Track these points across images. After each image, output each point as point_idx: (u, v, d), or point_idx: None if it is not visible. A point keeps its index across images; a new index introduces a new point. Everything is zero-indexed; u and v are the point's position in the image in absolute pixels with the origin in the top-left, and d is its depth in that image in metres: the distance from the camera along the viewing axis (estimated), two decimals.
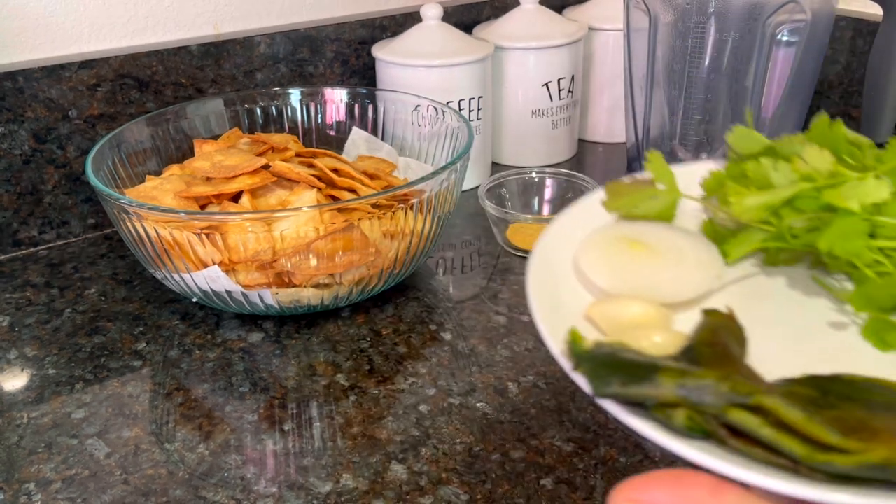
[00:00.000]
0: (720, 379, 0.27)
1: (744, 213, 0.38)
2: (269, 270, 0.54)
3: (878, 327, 0.35)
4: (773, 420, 0.26)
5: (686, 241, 0.41)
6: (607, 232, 0.41)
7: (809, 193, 0.38)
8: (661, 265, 0.39)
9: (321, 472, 0.45)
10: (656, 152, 0.43)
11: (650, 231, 0.41)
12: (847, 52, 0.79)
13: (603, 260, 0.39)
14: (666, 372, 0.27)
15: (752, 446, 0.26)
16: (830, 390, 0.30)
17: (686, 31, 0.64)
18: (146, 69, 0.72)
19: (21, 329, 0.59)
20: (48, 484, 0.44)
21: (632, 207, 0.43)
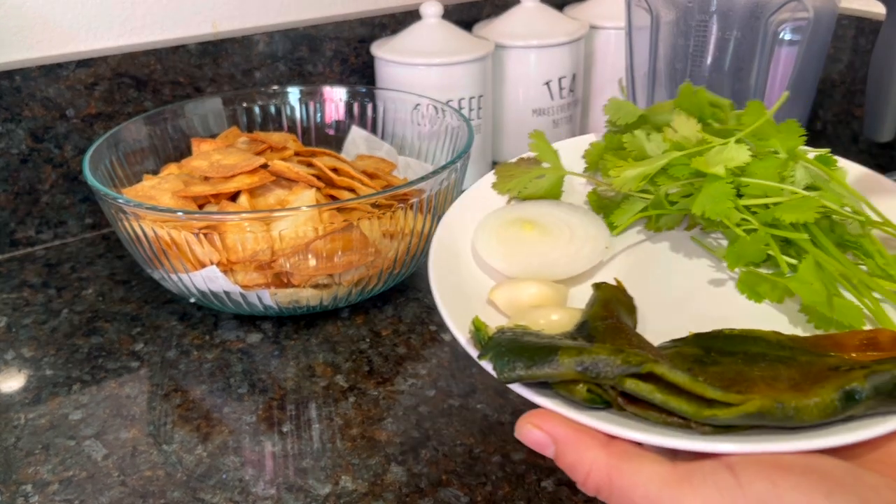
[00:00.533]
0: (613, 353, 0.30)
1: (624, 184, 0.41)
2: (267, 271, 0.54)
3: (749, 280, 0.37)
4: (664, 384, 0.29)
5: (574, 217, 0.43)
6: (500, 214, 0.43)
7: (681, 161, 0.40)
8: (553, 243, 0.41)
9: (320, 474, 0.44)
10: (539, 132, 0.45)
11: (540, 210, 0.43)
12: (850, 51, 0.79)
13: (498, 243, 0.41)
14: (564, 352, 0.30)
15: (648, 410, 0.29)
16: (712, 347, 0.33)
17: (688, 29, 0.64)
18: (144, 68, 0.72)
19: (18, 329, 0.59)
20: (45, 485, 0.44)
21: (521, 188, 0.45)
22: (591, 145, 0.45)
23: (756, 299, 0.37)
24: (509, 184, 0.45)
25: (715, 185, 0.38)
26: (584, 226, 0.42)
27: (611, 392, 0.30)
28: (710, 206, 0.38)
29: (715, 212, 0.38)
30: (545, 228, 0.41)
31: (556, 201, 0.45)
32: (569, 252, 0.40)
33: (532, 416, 0.29)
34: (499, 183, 0.45)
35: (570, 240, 0.41)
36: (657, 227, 0.43)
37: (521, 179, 0.45)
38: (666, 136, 0.41)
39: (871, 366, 0.29)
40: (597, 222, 0.42)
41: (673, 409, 0.29)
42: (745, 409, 0.28)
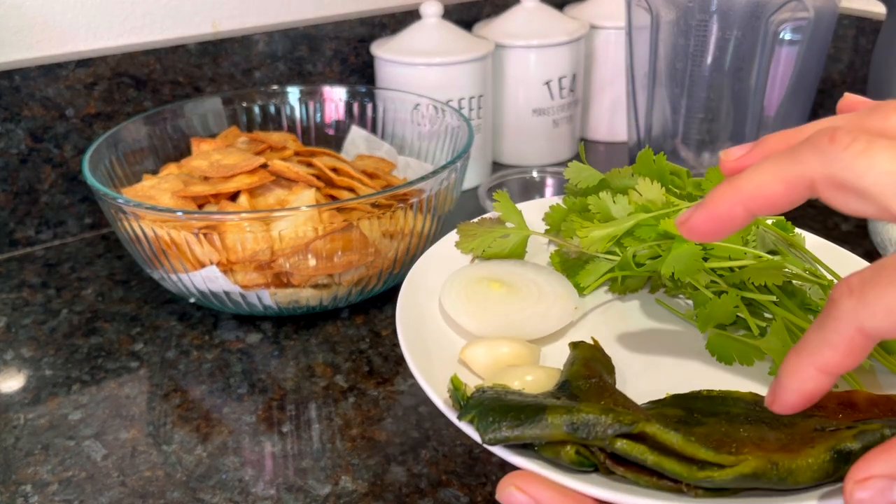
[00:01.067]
0: (603, 412, 0.28)
1: (591, 244, 0.41)
2: (267, 271, 0.54)
3: (719, 343, 0.38)
4: (655, 445, 0.28)
5: (541, 277, 0.42)
6: (466, 272, 0.42)
7: (648, 223, 0.41)
8: (522, 303, 0.40)
9: (320, 474, 0.44)
10: (503, 192, 0.46)
11: (506, 269, 0.43)
12: (850, 51, 0.79)
13: (466, 301, 0.40)
14: (552, 411, 0.29)
15: (638, 473, 0.28)
16: (693, 408, 0.32)
17: (688, 29, 0.64)
18: (143, 68, 0.72)
19: (18, 330, 0.59)
20: (45, 486, 0.44)
21: (485, 247, 0.45)
22: (551, 208, 0.46)
23: (726, 361, 0.37)
24: (472, 243, 0.45)
25: (684, 247, 0.39)
26: (552, 285, 0.41)
27: (599, 454, 0.29)
28: (679, 267, 0.39)
29: (684, 273, 0.38)
30: (513, 287, 0.41)
31: (521, 261, 0.45)
32: (538, 311, 0.40)
33: (515, 477, 0.28)
34: (462, 242, 0.45)
35: (539, 299, 0.40)
36: (622, 290, 0.43)
37: (484, 238, 0.45)
38: (631, 198, 0.42)
39: (858, 426, 0.28)
40: (563, 282, 0.42)
41: (665, 471, 0.28)
42: (740, 470, 0.27)
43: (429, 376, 0.34)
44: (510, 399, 0.30)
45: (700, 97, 0.66)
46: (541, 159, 0.84)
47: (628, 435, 0.28)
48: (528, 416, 0.29)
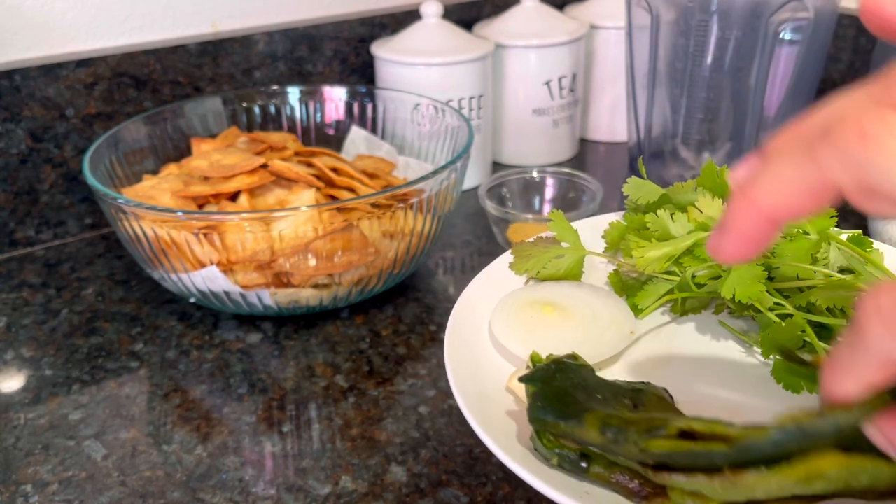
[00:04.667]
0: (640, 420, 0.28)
1: (648, 265, 0.39)
2: (267, 270, 0.54)
3: (785, 369, 0.36)
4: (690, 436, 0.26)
5: (596, 299, 0.41)
6: (518, 295, 0.41)
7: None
8: (575, 327, 0.39)
9: (320, 474, 0.44)
10: (558, 212, 0.44)
11: (560, 292, 0.41)
12: (850, 51, 0.79)
13: (516, 326, 0.39)
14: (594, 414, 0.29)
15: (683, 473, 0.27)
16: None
17: (688, 29, 0.64)
18: (143, 68, 0.72)
19: (18, 330, 0.59)
20: (45, 486, 0.44)
21: (539, 268, 0.43)
22: (610, 225, 0.44)
23: (793, 389, 0.35)
24: (527, 264, 0.43)
25: (745, 267, 0.37)
26: (608, 308, 0.40)
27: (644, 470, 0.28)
28: (740, 289, 0.36)
29: (746, 295, 0.36)
30: (566, 311, 0.39)
31: (577, 282, 0.43)
32: (591, 336, 0.38)
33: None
34: (516, 263, 0.44)
35: (593, 323, 0.39)
36: (683, 311, 0.41)
37: (539, 259, 0.43)
38: (691, 216, 0.40)
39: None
40: (620, 305, 0.40)
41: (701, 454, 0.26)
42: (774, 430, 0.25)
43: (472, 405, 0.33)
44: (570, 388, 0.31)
45: (700, 97, 0.66)
46: (541, 159, 0.84)
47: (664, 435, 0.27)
48: (570, 413, 0.29)
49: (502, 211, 0.65)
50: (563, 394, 0.30)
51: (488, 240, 0.70)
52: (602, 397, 0.31)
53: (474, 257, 0.67)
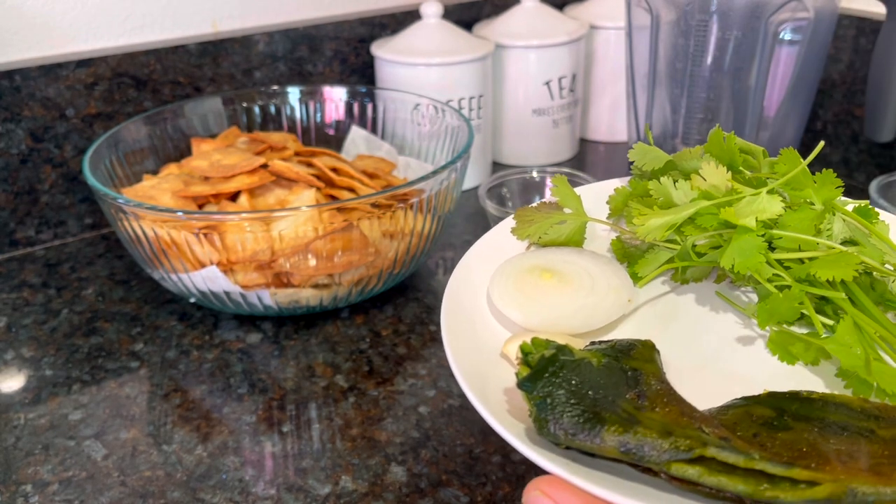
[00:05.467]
0: (661, 435, 0.28)
1: (648, 233, 0.38)
2: (267, 271, 0.54)
3: (781, 340, 0.35)
4: (717, 466, 0.27)
5: (596, 266, 0.40)
6: (518, 262, 0.41)
7: (709, 211, 0.38)
8: (573, 294, 0.38)
9: (320, 474, 0.44)
10: (561, 177, 0.44)
11: (560, 258, 0.41)
12: (850, 51, 0.79)
13: (514, 292, 0.39)
14: (610, 427, 0.28)
15: (696, 486, 0.27)
16: (787, 409, 0.30)
17: (688, 29, 0.64)
18: (144, 68, 0.72)
19: (18, 330, 0.59)
20: (45, 485, 0.44)
21: (541, 233, 0.43)
22: (615, 191, 0.44)
23: (789, 361, 0.35)
24: (529, 229, 0.43)
25: (745, 237, 0.36)
26: (607, 276, 0.39)
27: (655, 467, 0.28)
28: (739, 259, 0.36)
29: (745, 266, 0.36)
30: (565, 277, 0.39)
31: (578, 249, 0.42)
32: (589, 304, 0.38)
33: (541, 482, 0.27)
34: (518, 228, 0.43)
35: (591, 290, 0.38)
36: (684, 280, 0.41)
37: (541, 225, 0.43)
38: (694, 183, 0.39)
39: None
40: (620, 272, 0.40)
41: (726, 491, 0.27)
42: (812, 493, 0.26)
43: (467, 371, 0.33)
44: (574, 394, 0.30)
45: (700, 97, 0.66)
46: (541, 159, 0.84)
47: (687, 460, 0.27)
48: (583, 427, 0.29)
49: (502, 211, 0.65)
50: (571, 405, 0.30)
51: None
52: (608, 396, 0.30)
53: None
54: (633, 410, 0.30)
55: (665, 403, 0.30)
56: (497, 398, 0.33)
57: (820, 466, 0.27)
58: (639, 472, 0.29)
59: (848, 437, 0.28)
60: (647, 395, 0.31)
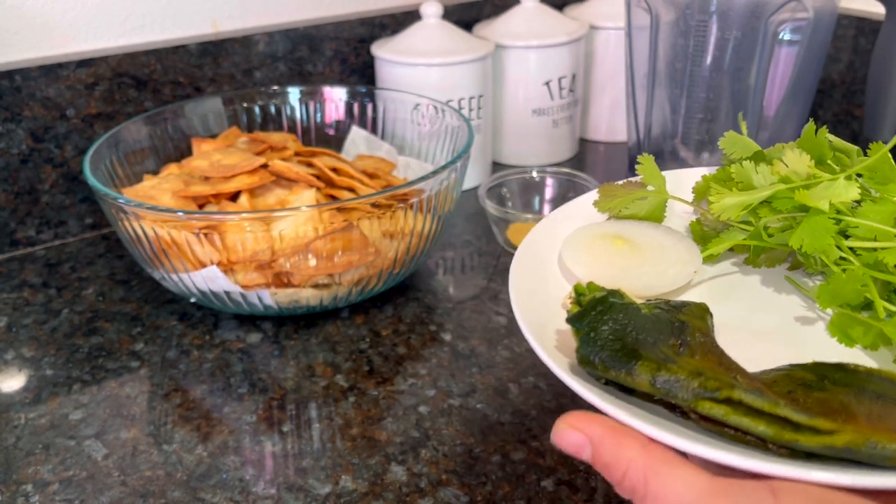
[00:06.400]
0: (692, 375, 0.29)
1: (722, 211, 0.40)
2: (267, 270, 0.54)
3: (842, 323, 0.36)
4: (743, 409, 0.28)
5: (669, 240, 0.42)
6: (594, 228, 0.43)
7: (785, 194, 0.39)
8: (641, 260, 0.40)
9: (320, 474, 0.44)
10: (648, 156, 0.45)
11: (636, 230, 0.43)
12: (850, 51, 0.79)
13: (585, 252, 0.40)
14: (644, 363, 0.30)
15: (722, 427, 0.28)
16: (829, 376, 0.31)
17: (688, 29, 0.64)
18: (144, 68, 0.72)
19: (18, 329, 0.59)
20: (45, 485, 0.44)
21: (622, 208, 0.44)
22: (702, 177, 0.45)
23: (847, 343, 0.35)
24: (611, 203, 0.44)
25: (816, 219, 0.37)
26: (678, 249, 0.41)
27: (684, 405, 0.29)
28: (808, 240, 0.36)
29: (813, 246, 0.36)
30: (636, 246, 0.41)
31: (655, 224, 0.44)
32: (654, 270, 0.39)
33: (569, 416, 0.29)
34: (601, 201, 0.45)
35: (660, 259, 0.40)
36: (757, 263, 0.42)
37: (623, 199, 0.44)
38: (775, 168, 0.40)
39: None
40: (692, 248, 0.41)
41: (749, 431, 0.28)
42: (831, 440, 0.27)
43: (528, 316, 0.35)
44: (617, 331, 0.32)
45: (699, 97, 0.66)
46: (541, 159, 0.84)
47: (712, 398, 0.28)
48: (620, 360, 0.31)
49: (502, 211, 0.65)
50: (612, 339, 0.32)
51: (488, 240, 0.70)
52: (649, 338, 0.32)
53: (474, 257, 0.67)
54: (672, 354, 0.31)
55: (705, 354, 0.31)
56: (549, 338, 0.35)
57: (846, 423, 0.27)
58: (670, 414, 0.30)
59: (883, 403, 0.29)
60: (689, 344, 0.32)
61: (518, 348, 0.54)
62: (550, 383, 0.51)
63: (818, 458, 0.28)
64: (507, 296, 0.61)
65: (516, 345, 0.55)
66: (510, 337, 0.56)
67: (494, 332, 0.56)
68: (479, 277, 0.64)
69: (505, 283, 0.63)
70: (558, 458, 0.45)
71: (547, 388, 0.50)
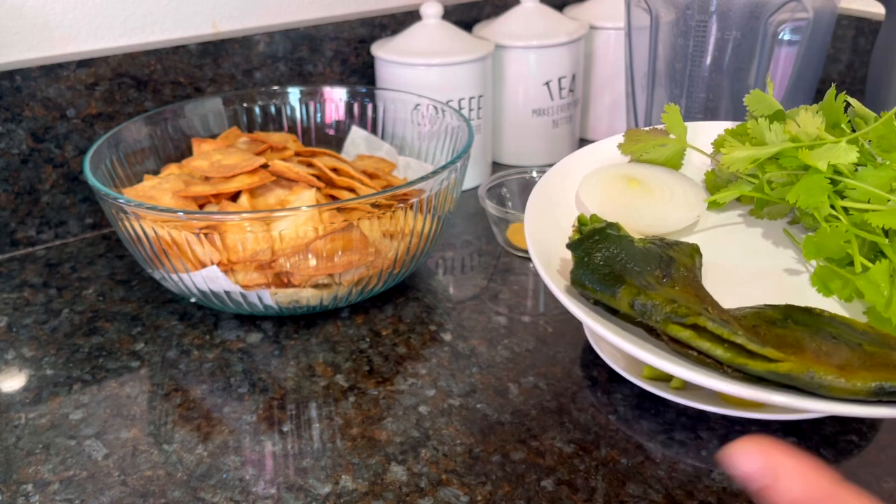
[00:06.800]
0: (666, 301, 0.33)
1: (731, 163, 0.42)
2: (267, 270, 0.54)
3: (823, 275, 0.38)
4: (707, 335, 0.32)
5: (679, 186, 0.45)
6: (612, 169, 0.45)
7: (791, 152, 0.41)
8: (650, 200, 0.43)
9: (320, 474, 0.44)
10: (674, 105, 0.47)
11: (651, 173, 0.46)
12: (849, 51, 0.79)
13: (599, 190, 0.43)
14: (627, 288, 0.34)
15: (687, 349, 0.33)
16: (794, 317, 0.34)
17: (687, 29, 0.64)
18: (144, 68, 0.72)
19: (19, 329, 0.59)
20: (46, 485, 0.44)
21: (643, 152, 0.47)
22: (725, 130, 0.46)
23: (825, 293, 0.38)
24: (633, 147, 0.47)
25: (814, 177, 0.39)
26: (686, 193, 0.44)
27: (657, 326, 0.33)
28: (804, 196, 0.39)
29: (807, 202, 0.39)
30: (648, 188, 0.44)
31: (671, 170, 0.46)
32: (661, 211, 0.42)
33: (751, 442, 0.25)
34: (625, 144, 0.48)
35: (668, 200, 0.43)
36: (760, 215, 0.44)
37: (645, 144, 0.47)
38: (786, 128, 0.42)
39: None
40: (700, 195, 0.44)
41: (709, 353, 0.31)
42: (775, 367, 0.30)
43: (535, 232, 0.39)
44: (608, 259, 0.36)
45: (699, 98, 0.66)
46: (541, 159, 0.84)
47: (680, 322, 0.32)
48: (606, 283, 0.35)
49: (502, 211, 0.65)
50: (602, 265, 0.36)
51: (488, 240, 0.70)
52: (636, 268, 0.35)
53: (474, 257, 0.67)
54: (655, 282, 0.35)
55: (685, 286, 0.35)
56: (554, 263, 0.39)
57: (794, 353, 0.31)
58: (648, 336, 0.35)
59: (835, 343, 0.32)
60: (672, 276, 0.36)
61: (518, 348, 0.54)
62: (550, 383, 0.51)
63: (766, 383, 0.31)
64: (508, 296, 0.61)
65: (516, 345, 0.55)
66: (510, 337, 0.56)
67: (494, 332, 0.56)
68: (479, 277, 0.64)
69: (505, 283, 0.63)
70: (558, 458, 0.45)
71: (547, 388, 0.50)
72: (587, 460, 0.44)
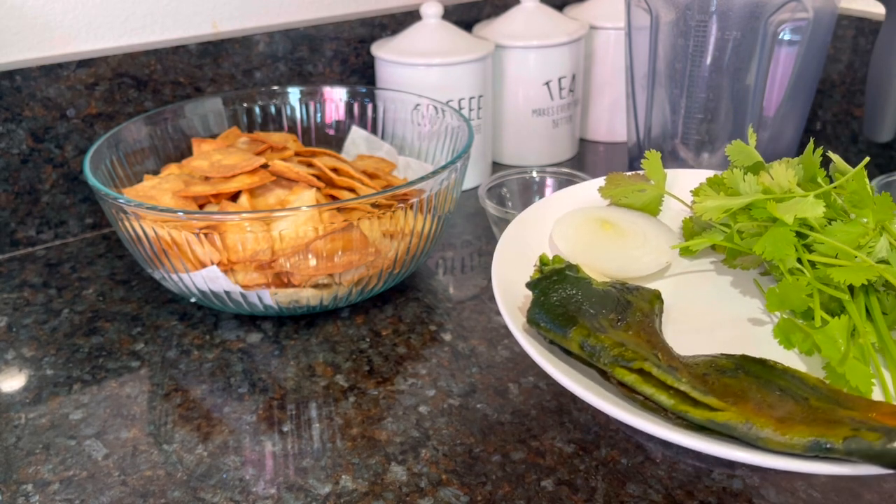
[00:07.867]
0: (615, 345, 0.34)
1: (703, 212, 0.43)
2: (267, 270, 0.54)
3: (786, 327, 0.38)
4: (653, 380, 0.33)
5: (653, 231, 0.45)
6: (588, 212, 0.46)
7: (761, 204, 0.42)
8: (623, 244, 0.44)
9: (320, 474, 0.44)
10: (655, 152, 0.48)
11: (626, 217, 0.46)
12: (849, 51, 0.79)
13: (573, 231, 0.44)
14: (578, 329, 0.35)
15: (634, 393, 0.33)
16: (746, 367, 0.35)
17: (687, 29, 0.64)
18: (144, 68, 0.72)
19: (19, 329, 0.59)
20: (46, 485, 0.44)
21: (622, 196, 0.48)
22: (706, 179, 0.47)
23: (786, 346, 0.38)
24: (613, 190, 0.48)
25: (780, 230, 0.40)
26: (658, 240, 0.44)
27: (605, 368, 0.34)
28: (770, 247, 0.40)
29: (773, 254, 0.40)
30: (621, 231, 0.44)
31: (647, 215, 0.47)
32: (632, 255, 0.42)
33: None
34: (605, 188, 0.48)
35: (639, 247, 0.43)
36: (732, 264, 0.45)
37: (624, 189, 0.48)
38: (760, 179, 0.43)
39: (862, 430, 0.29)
40: (672, 241, 0.44)
41: (653, 399, 0.32)
42: (713, 416, 0.31)
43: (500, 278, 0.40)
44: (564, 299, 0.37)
45: (699, 98, 0.66)
46: (541, 159, 0.84)
47: (627, 367, 0.33)
48: (559, 323, 0.36)
49: (502, 211, 0.65)
50: (558, 305, 0.36)
51: (488, 240, 0.70)
52: (591, 310, 0.36)
53: (474, 257, 0.67)
54: (608, 325, 0.36)
55: (638, 331, 0.36)
56: (516, 300, 0.39)
57: (736, 403, 0.31)
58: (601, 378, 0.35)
59: (780, 396, 0.32)
60: (626, 320, 0.36)
61: (518, 348, 0.54)
62: (550, 383, 0.51)
63: (708, 432, 0.31)
64: None
65: (516, 345, 0.55)
66: (510, 337, 0.56)
67: (494, 332, 0.56)
68: (479, 277, 0.64)
69: None
70: (558, 458, 0.45)
71: (547, 388, 0.50)
72: (587, 460, 0.44)
